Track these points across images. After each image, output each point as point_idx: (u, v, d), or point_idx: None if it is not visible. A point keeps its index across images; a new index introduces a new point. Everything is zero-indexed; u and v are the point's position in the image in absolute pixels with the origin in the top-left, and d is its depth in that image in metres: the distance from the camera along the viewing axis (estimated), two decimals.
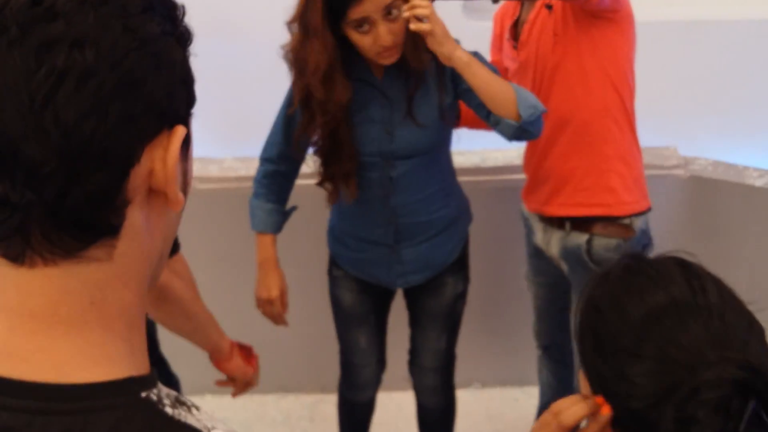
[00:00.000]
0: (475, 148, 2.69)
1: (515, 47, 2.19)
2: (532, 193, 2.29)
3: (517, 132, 1.89)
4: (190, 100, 0.64)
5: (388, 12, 1.81)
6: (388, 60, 1.88)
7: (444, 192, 2.12)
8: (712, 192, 2.68)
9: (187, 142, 0.63)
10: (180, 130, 0.60)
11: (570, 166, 2.16)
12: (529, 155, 2.29)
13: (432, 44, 1.82)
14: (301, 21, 1.86)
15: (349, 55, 1.90)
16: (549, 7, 2.08)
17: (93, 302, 0.59)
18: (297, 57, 1.90)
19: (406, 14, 1.80)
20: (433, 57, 1.90)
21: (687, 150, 2.77)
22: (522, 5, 2.20)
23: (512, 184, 2.50)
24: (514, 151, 2.58)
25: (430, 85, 1.98)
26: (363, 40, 1.84)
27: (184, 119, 0.63)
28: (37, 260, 0.57)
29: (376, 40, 1.83)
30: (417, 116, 1.97)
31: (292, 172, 2.16)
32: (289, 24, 1.90)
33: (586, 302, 1.06)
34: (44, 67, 0.53)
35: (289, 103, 2.04)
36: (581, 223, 2.17)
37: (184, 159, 0.63)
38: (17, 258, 0.57)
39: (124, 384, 0.60)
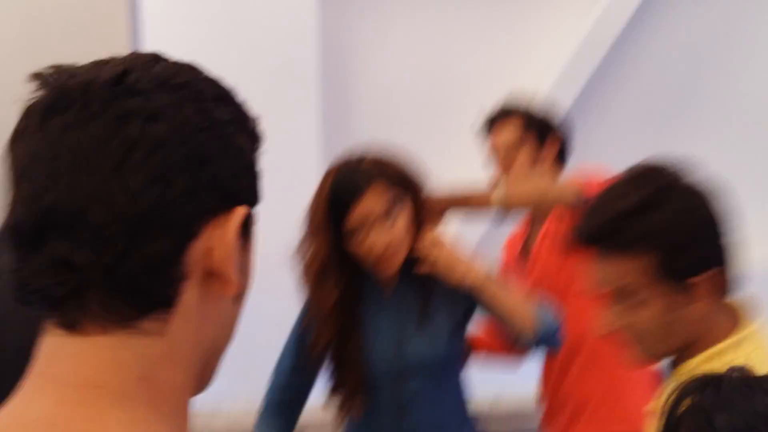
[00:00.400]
0: (486, 387, 2.62)
1: (525, 269, 2.25)
2: (549, 424, 2.21)
3: (537, 344, 1.88)
4: (255, 191, 0.66)
5: (386, 216, 1.83)
6: (385, 271, 1.89)
7: (459, 414, 2.03)
8: None
9: (248, 232, 0.65)
10: (240, 210, 0.62)
11: (586, 391, 2.12)
12: (545, 382, 2.24)
13: (442, 274, 1.85)
14: (307, 217, 1.90)
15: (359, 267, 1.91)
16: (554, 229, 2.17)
17: (142, 378, 0.58)
18: (300, 257, 1.92)
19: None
20: None
21: None
22: (530, 229, 2.30)
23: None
24: (528, 396, 2.53)
25: (442, 296, 1.96)
26: (360, 248, 1.85)
27: (248, 205, 0.64)
28: (92, 328, 0.57)
29: (370, 248, 1.84)
30: (429, 328, 1.94)
31: (302, 398, 2.05)
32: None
33: (694, 411, 1.00)
34: (119, 136, 0.56)
35: (301, 318, 2.01)
36: None
37: (243, 249, 0.64)
38: (73, 325, 0.57)
39: None
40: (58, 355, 0.58)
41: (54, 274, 0.56)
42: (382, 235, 1.84)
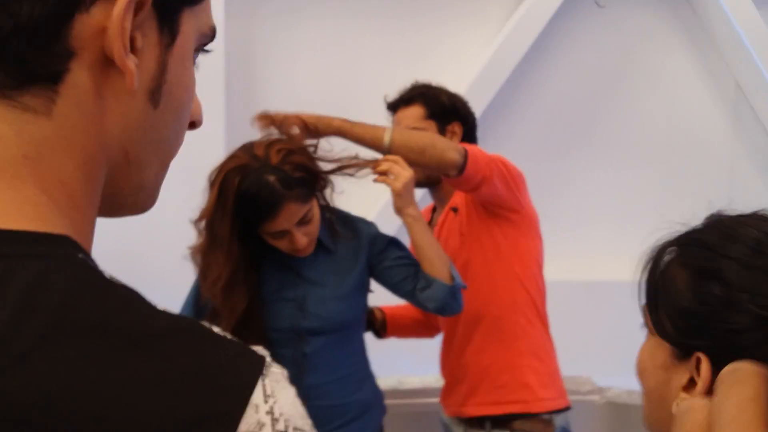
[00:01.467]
0: (392, 374, 2.67)
1: None
2: (449, 395, 2.27)
3: (448, 296, 1.93)
4: None
5: (302, 221, 1.87)
6: (305, 254, 1.94)
7: (358, 375, 2.08)
8: (627, 416, 2.69)
9: (172, 26, 0.60)
10: None
11: (485, 362, 2.18)
12: (444, 355, 2.30)
13: (393, 195, 1.94)
14: (209, 227, 1.89)
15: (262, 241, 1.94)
16: (455, 209, 2.23)
17: (27, 157, 0.54)
18: (201, 261, 1.93)
19: (379, 174, 1.94)
20: (352, 234, 1.99)
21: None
22: (434, 211, 2.35)
23: (430, 407, 2.46)
24: (431, 377, 2.58)
25: (343, 261, 2.02)
26: (280, 244, 1.91)
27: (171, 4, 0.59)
28: None
29: (293, 244, 1.89)
30: (329, 290, 1.99)
31: None
32: (196, 223, 1.92)
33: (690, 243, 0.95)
34: None
35: (195, 290, 2.03)
36: (501, 422, 2.15)
37: (164, 47, 0.60)
38: None
39: (60, 239, 0.53)
40: None
41: None
42: (302, 236, 1.89)
